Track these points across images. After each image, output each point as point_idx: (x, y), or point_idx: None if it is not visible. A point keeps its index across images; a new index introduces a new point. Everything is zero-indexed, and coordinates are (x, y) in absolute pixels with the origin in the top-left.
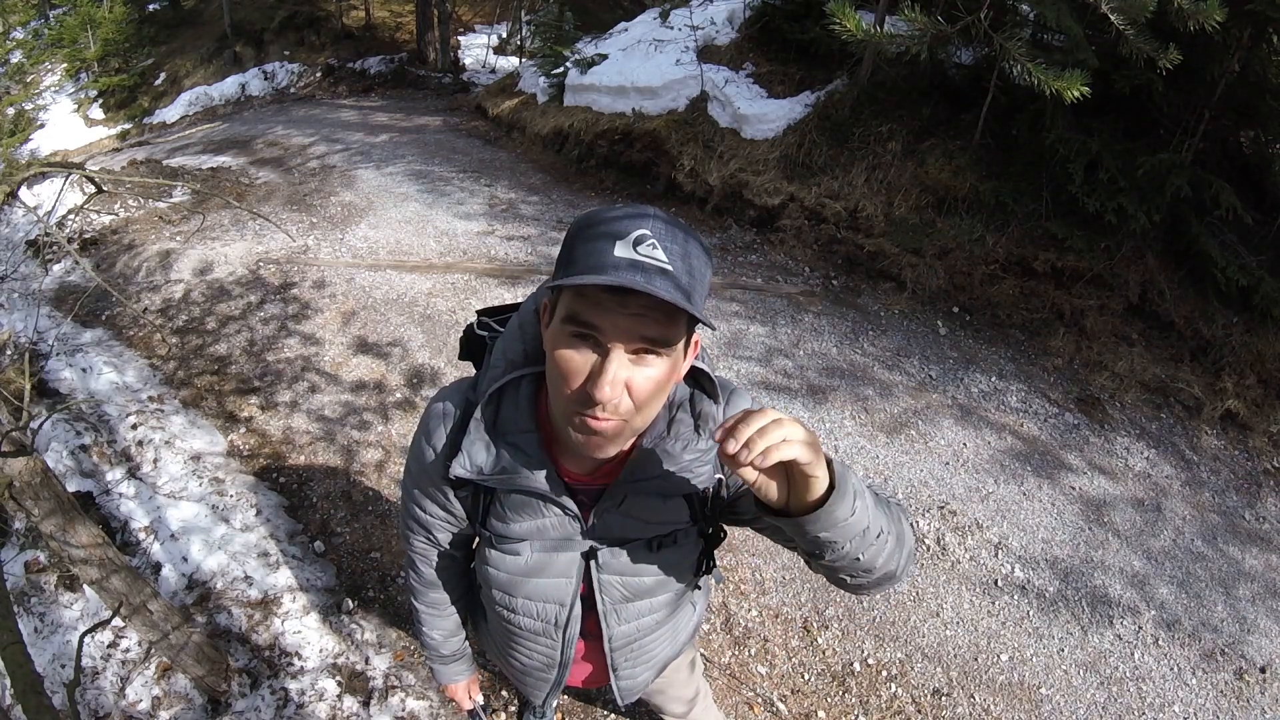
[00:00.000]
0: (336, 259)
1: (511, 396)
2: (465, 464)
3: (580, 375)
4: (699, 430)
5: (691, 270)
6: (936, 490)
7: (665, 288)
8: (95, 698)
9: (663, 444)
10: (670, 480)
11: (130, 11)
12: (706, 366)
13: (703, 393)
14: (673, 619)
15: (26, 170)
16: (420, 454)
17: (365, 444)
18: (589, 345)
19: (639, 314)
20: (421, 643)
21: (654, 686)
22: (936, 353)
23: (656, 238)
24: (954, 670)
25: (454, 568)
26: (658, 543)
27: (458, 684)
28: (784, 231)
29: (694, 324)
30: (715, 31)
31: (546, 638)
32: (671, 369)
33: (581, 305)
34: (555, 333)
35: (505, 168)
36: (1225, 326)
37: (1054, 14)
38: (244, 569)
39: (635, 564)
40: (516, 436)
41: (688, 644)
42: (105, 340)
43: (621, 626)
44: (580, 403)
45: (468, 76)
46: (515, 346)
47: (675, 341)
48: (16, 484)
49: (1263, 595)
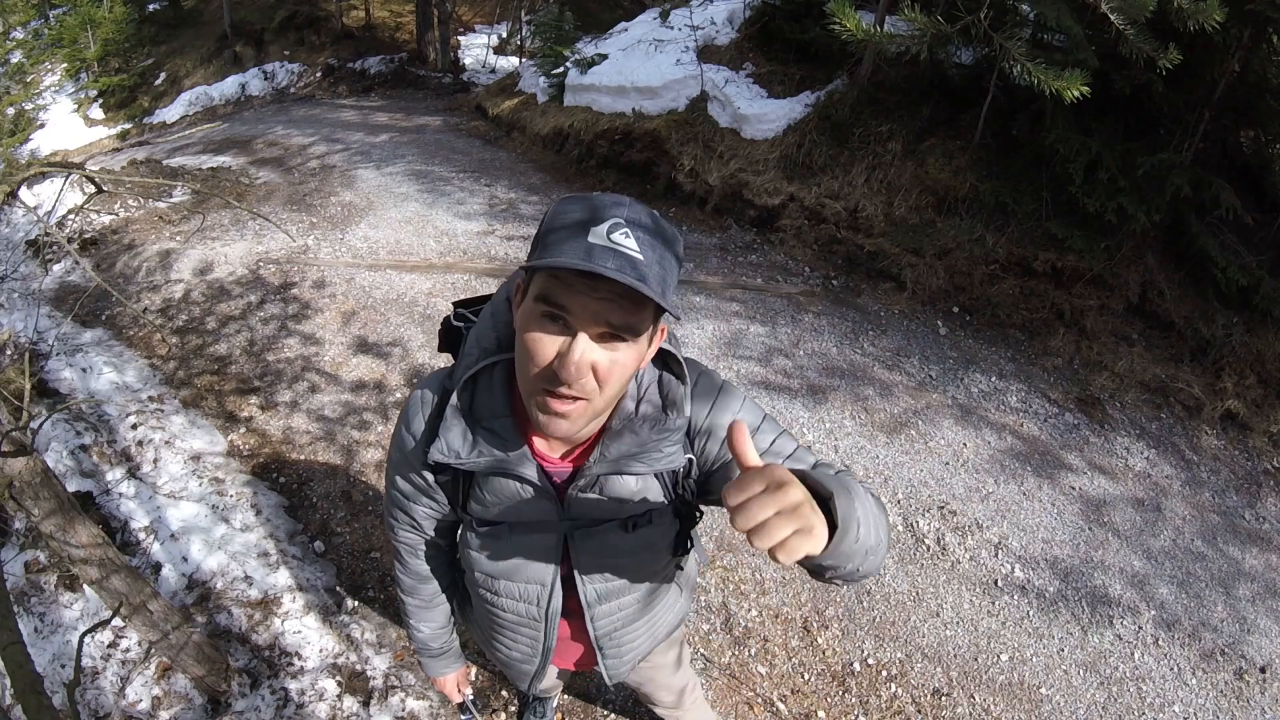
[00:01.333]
0: (336, 259)
1: (486, 382)
2: (443, 449)
3: (548, 355)
4: (666, 411)
5: (662, 260)
6: (936, 490)
7: (635, 276)
8: (95, 698)
9: (631, 424)
10: (640, 459)
11: (130, 11)
12: (674, 349)
13: (670, 374)
14: (656, 600)
15: (26, 170)
16: (401, 442)
17: (365, 444)
18: (558, 327)
19: (608, 299)
20: (409, 635)
21: (642, 675)
22: (936, 353)
23: (630, 227)
24: (954, 670)
25: (439, 557)
26: (633, 523)
27: (446, 677)
28: (784, 231)
29: (660, 313)
30: (715, 31)
31: (529, 620)
32: (636, 355)
33: (553, 286)
34: (526, 312)
35: (505, 168)
36: (1225, 326)
37: (1054, 14)
38: (244, 569)
39: (612, 544)
40: (492, 421)
41: (676, 630)
42: (105, 340)
43: (603, 605)
44: (546, 381)
45: (468, 76)
46: (488, 334)
47: (642, 329)
48: (16, 484)
49: (1263, 595)
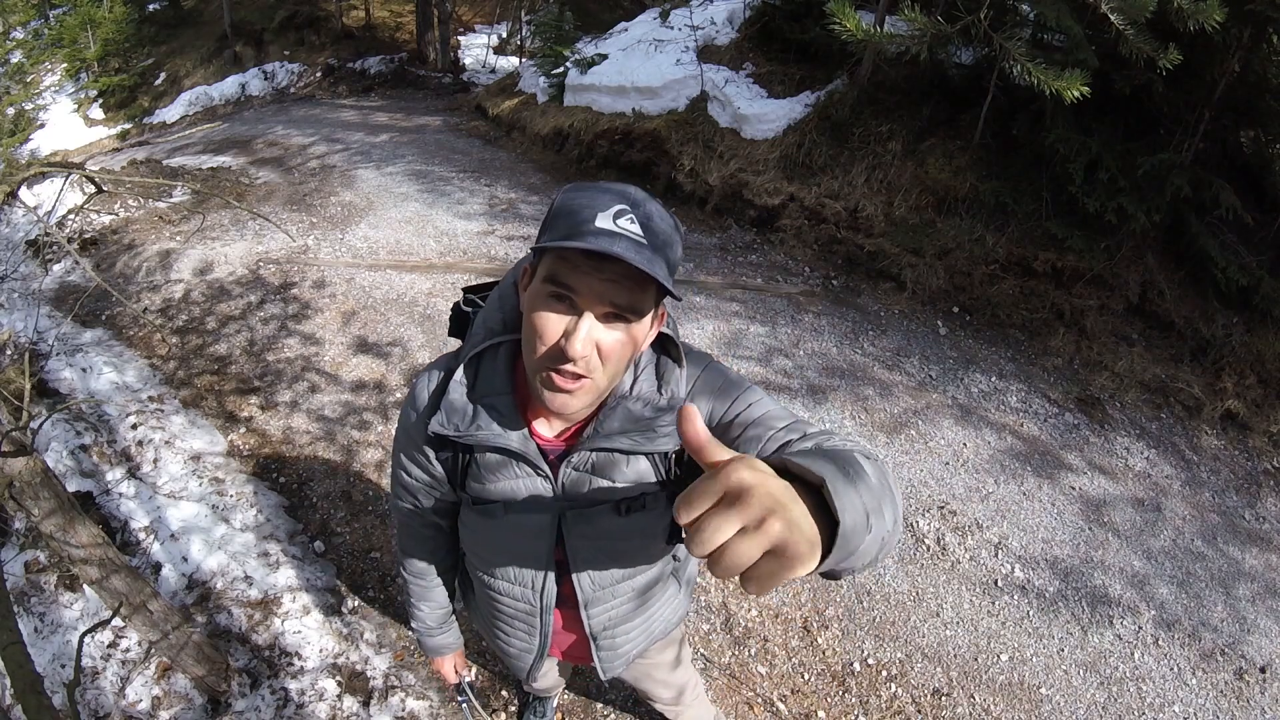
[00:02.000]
0: (336, 259)
1: (490, 361)
2: (443, 420)
3: (555, 334)
4: (661, 390)
5: (665, 244)
6: (936, 490)
7: (640, 258)
8: (95, 698)
9: (625, 403)
10: (633, 438)
11: (130, 11)
12: (672, 332)
13: (668, 357)
14: (653, 596)
15: (26, 170)
16: (405, 417)
17: (365, 444)
18: (564, 306)
19: (613, 280)
20: (410, 614)
21: (640, 671)
22: (936, 353)
23: (635, 212)
24: (954, 670)
25: (440, 538)
26: (626, 506)
27: (444, 657)
28: (784, 231)
29: (662, 295)
30: (715, 31)
31: (525, 604)
32: (638, 335)
33: (560, 267)
34: (534, 293)
35: (505, 167)
36: (1225, 326)
37: (1054, 14)
38: (244, 569)
39: (605, 527)
40: (493, 398)
41: (674, 628)
42: (105, 340)
43: (597, 592)
44: (552, 359)
45: (468, 76)
46: (495, 315)
47: (645, 310)
48: (16, 484)
49: (1262, 595)
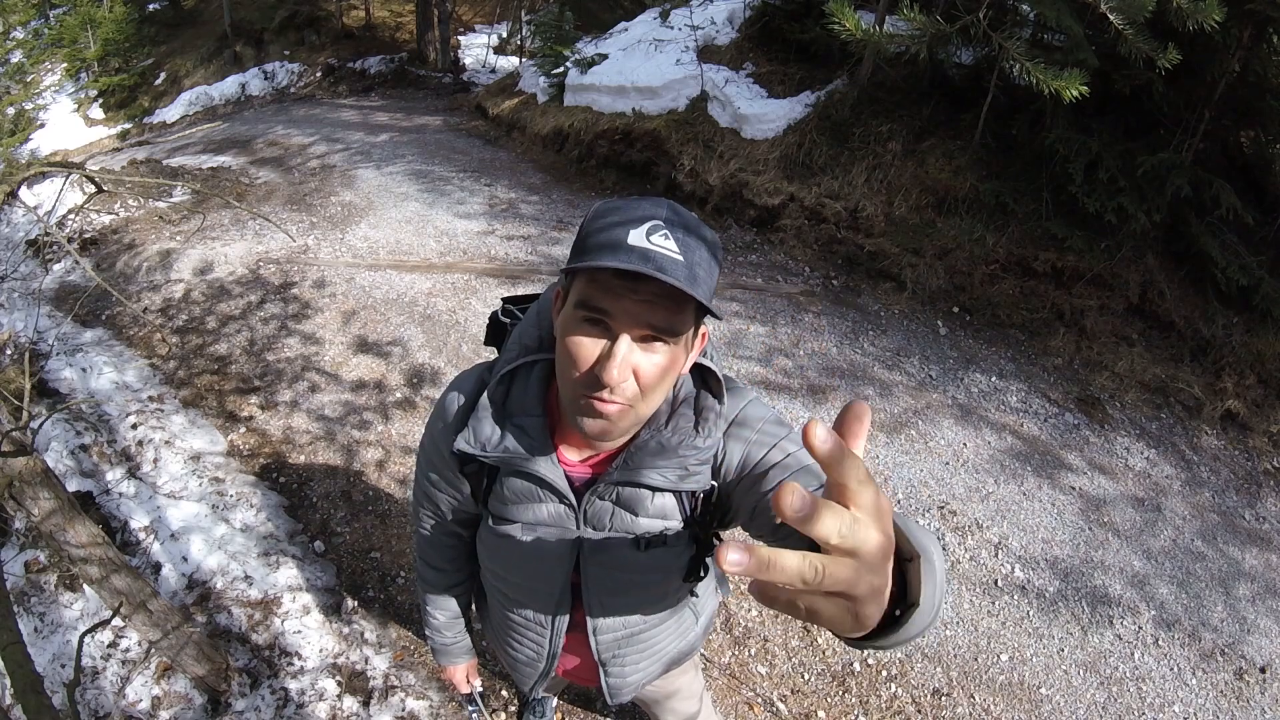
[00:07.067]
0: (336, 259)
1: (522, 380)
2: (470, 439)
3: (590, 359)
4: (699, 428)
5: (701, 261)
6: (936, 490)
7: (675, 275)
8: (95, 698)
9: (659, 436)
10: (664, 474)
11: (130, 11)
12: (714, 365)
13: (708, 391)
14: (665, 627)
15: (26, 170)
16: (433, 429)
17: (365, 443)
18: (599, 330)
19: (648, 300)
20: (425, 622)
21: (650, 696)
22: (936, 353)
23: (669, 228)
24: (954, 670)
25: (459, 548)
26: (646, 542)
27: (456, 667)
28: (784, 231)
29: (701, 315)
30: (715, 31)
31: (537, 624)
32: (678, 358)
33: (593, 290)
34: (567, 317)
35: (505, 167)
36: (1225, 326)
37: (1054, 14)
38: (244, 569)
39: (623, 559)
40: (522, 419)
41: (688, 656)
42: (105, 340)
43: (607, 619)
44: (588, 386)
45: (468, 76)
46: (531, 332)
47: (682, 330)
48: (16, 484)
49: (1262, 595)
